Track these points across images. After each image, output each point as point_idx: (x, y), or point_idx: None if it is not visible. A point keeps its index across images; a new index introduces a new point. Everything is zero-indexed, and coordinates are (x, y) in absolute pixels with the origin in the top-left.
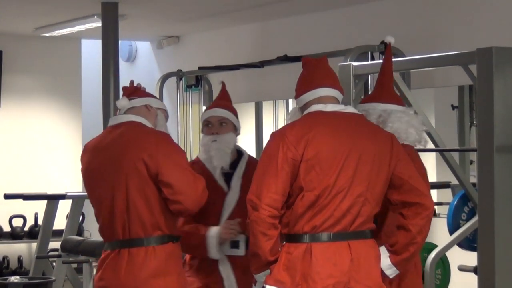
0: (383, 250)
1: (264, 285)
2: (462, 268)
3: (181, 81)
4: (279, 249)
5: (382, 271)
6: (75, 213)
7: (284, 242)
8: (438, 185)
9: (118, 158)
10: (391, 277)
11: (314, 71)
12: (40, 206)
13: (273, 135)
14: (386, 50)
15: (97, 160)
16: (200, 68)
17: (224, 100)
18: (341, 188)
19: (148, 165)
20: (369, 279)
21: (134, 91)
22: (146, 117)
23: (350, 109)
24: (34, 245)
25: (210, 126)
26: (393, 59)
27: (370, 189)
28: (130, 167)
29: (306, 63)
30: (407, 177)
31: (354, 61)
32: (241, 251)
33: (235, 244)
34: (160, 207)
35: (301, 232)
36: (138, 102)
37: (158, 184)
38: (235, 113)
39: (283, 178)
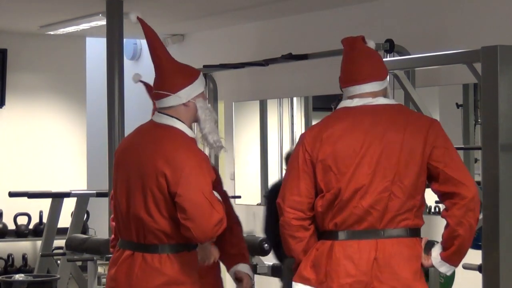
0: (438, 247)
1: (292, 282)
2: (466, 267)
3: None
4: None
5: (436, 269)
6: (80, 211)
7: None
8: None
9: (144, 163)
10: (448, 274)
11: (347, 63)
12: (45, 204)
13: (299, 137)
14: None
15: (128, 156)
16: (205, 66)
17: None
18: (360, 185)
19: (169, 182)
20: (395, 279)
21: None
22: (185, 116)
23: (380, 100)
24: (38, 243)
25: None
26: (398, 58)
27: (397, 182)
28: (152, 177)
29: (344, 46)
30: (442, 165)
31: None
32: None
33: None
34: (176, 219)
35: (327, 229)
36: (173, 101)
37: (175, 203)
38: None
39: (305, 180)
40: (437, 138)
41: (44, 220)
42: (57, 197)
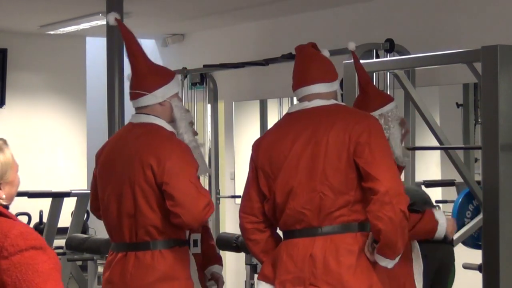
0: None
1: (255, 280)
2: (467, 266)
3: (185, 79)
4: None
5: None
6: (80, 211)
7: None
8: (442, 183)
9: (130, 160)
10: (388, 267)
11: (295, 66)
12: (45, 204)
13: None
14: (353, 57)
15: (113, 158)
16: (205, 66)
17: None
18: (289, 187)
19: (155, 172)
20: (328, 275)
21: (140, 84)
22: (161, 115)
23: (315, 102)
24: None
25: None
26: (398, 57)
27: (325, 181)
28: (139, 171)
29: (295, 53)
30: (362, 162)
31: (359, 59)
32: (198, 249)
33: (195, 243)
34: (166, 213)
35: (280, 230)
36: (149, 100)
37: (163, 193)
38: None
39: (253, 186)
40: (361, 135)
41: (44, 219)
42: (57, 197)
